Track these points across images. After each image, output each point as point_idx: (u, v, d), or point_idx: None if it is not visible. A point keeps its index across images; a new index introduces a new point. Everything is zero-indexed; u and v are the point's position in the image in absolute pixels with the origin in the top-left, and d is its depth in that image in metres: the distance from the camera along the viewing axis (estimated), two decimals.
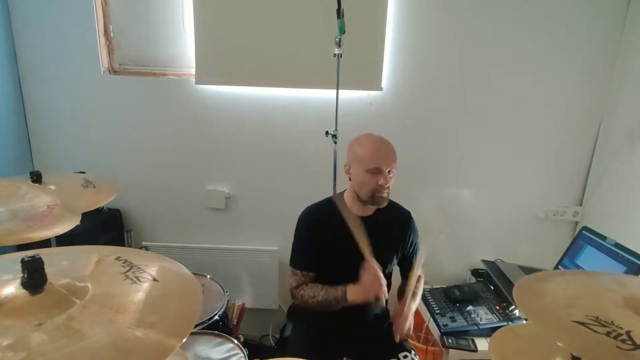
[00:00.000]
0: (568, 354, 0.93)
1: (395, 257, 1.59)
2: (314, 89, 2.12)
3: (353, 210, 1.51)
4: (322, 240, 1.48)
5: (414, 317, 1.51)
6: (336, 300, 1.40)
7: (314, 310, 1.47)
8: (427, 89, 2.18)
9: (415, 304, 1.56)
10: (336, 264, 1.49)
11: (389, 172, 1.39)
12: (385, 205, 1.44)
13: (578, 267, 1.87)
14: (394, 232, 1.56)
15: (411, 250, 1.61)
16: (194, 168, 2.30)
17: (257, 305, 2.40)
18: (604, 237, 1.81)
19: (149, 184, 2.33)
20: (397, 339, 1.43)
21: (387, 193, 1.42)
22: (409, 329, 1.44)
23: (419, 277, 1.65)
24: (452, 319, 1.90)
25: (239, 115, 2.21)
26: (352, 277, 1.46)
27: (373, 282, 1.33)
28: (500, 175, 2.29)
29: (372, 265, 1.35)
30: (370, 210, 1.50)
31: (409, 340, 1.56)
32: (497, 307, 1.95)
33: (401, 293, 1.61)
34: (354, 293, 1.38)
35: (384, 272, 1.58)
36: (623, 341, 0.71)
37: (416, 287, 1.60)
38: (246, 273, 2.39)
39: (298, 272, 1.49)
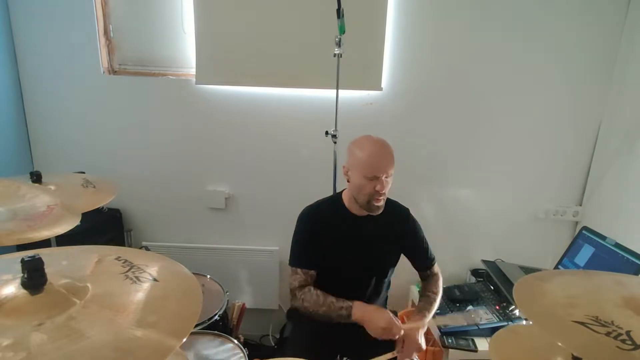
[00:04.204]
0: (568, 354, 0.93)
1: (394, 255, 1.59)
2: (314, 89, 2.12)
3: (351, 210, 1.51)
4: (323, 239, 1.49)
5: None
6: (339, 317, 1.40)
7: (312, 316, 1.47)
8: (427, 88, 2.18)
9: (431, 312, 1.53)
10: (336, 261, 1.49)
11: (386, 177, 1.39)
12: (379, 212, 1.45)
13: (578, 267, 1.87)
14: (392, 230, 1.56)
15: (415, 244, 1.61)
16: (194, 168, 2.30)
17: (257, 305, 2.40)
18: (604, 237, 1.81)
19: (149, 184, 2.32)
20: (403, 356, 1.40)
21: (383, 201, 1.43)
22: (420, 346, 1.40)
23: (436, 276, 1.64)
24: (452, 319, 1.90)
25: (239, 116, 2.21)
26: (351, 276, 1.46)
27: (393, 329, 1.33)
28: (500, 176, 2.29)
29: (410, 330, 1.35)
30: None
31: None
32: (497, 307, 1.95)
33: (421, 294, 1.61)
34: (362, 315, 1.37)
35: (384, 274, 1.59)
36: (623, 341, 0.71)
37: (432, 292, 1.59)
38: (246, 273, 2.39)
39: (299, 270, 1.49)
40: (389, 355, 1.38)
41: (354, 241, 1.50)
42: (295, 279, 1.49)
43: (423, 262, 1.64)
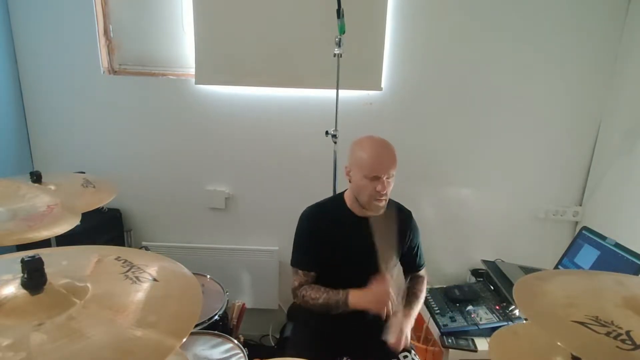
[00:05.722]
0: (568, 354, 0.93)
1: (395, 256, 1.59)
2: (314, 89, 2.12)
3: (353, 210, 1.51)
4: (324, 240, 1.49)
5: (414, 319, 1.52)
6: (337, 304, 1.41)
7: (314, 312, 1.47)
8: (427, 89, 2.18)
9: (417, 308, 1.56)
10: (337, 263, 1.49)
11: (387, 177, 1.39)
12: (381, 213, 1.45)
13: (578, 267, 1.87)
14: (394, 232, 1.56)
15: (411, 248, 1.62)
16: (194, 168, 2.30)
17: (257, 305, 2.40)
18: (604, 237, 1.81)
19: (148, 184, 2.32)
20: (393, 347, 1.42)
21: (385, 201, 1.43)
22: (406, 340, 1.43)
23: (422, 278, 1.66)
24: (452, 319, 1.90)
25: (239, 115, 2.21)
26: (353, 276, 1.46)
27: (382, 296, 1.33)
28: (500, 175, 2.29)
29: (386, 280, 1.35)
30: None
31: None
32: (497, 307, 1.95)
33: (405, 294, 1.62)
34: (356, 298, 1.38)
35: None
36: (623, 341, 0.71)
37: (419, 290, 1.61)
38: (246, 273, 2.39)
39: (299, 271, 1.50)
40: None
41: (355, 242, 1.50)
42: (296, 279, 1.50)
43: (413, 266, 1.65)
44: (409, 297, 1.59)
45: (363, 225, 1.51)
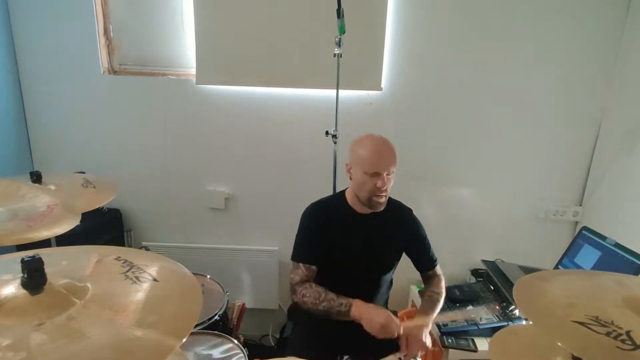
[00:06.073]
0: (568, 354, 0.93)
1: (397, 255, 1.59)
2: (314, 89, 2.12)
3: (354, 208, 1.52)
4: (326, 235, 1.49)
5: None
6: (338, 313, 1.40)
7: (311, 312, 1.47)
8: (426, 89, 2.18)
9: (435, 312, 1.52)
10: (338, 260, 1.50)
11: (387, 174, 1.40)
12: (381, 209, 1.46)
13: (578, 267, 1.87)
14: (395, 230, 1.56)
15: (418, 242, 1.60)
16: (194, 168, 2.30)
17: (257, 305, 2.40)
18: (604, 237, 1.81)
19: (149, 184, 2.32)
20: (408, 357, 1.40)
21: (385, 198, 1.44)
22: (425, 346, 1.40)
23: (438, 277, 1.63)
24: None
25: (239, 116, 2.21)
26: (353, 273, 1.47)
27: (392, 326, 1.33)
28: (500, 175, 2.29)
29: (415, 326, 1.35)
30: None
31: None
32: (497, 307, 1.95)
33: (424, 295, 1.60)
34: (360, 313, 1.36)
35: (385, 273, 1.59)
36: (623, 341, 0.71)
37: (436, 292, 1.57)
38: (246, 273, 2.39)
39: (300, 265, 1.49)
40: (393, 357, 1.39)
41: (356, 239, 1.51)
42: (296, 273, 1.49)
43: (425, 263, 1.63)
44: (427, 301, 1.56)
45: (364, 223, 1.51)
